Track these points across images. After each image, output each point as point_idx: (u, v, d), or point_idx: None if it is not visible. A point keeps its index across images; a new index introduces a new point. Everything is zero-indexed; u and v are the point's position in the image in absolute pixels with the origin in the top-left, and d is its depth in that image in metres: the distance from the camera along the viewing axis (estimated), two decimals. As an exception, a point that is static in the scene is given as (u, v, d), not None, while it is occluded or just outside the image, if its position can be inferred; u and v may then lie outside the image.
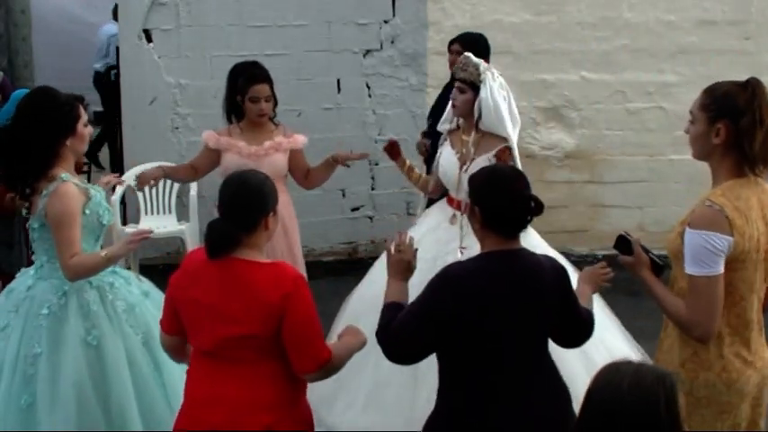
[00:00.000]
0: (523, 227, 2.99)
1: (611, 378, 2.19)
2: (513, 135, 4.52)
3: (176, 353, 3.31)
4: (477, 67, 4.49)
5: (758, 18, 7.35)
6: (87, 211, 3.70)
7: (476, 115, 4.47)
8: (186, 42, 7.10)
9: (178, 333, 3.21)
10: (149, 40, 7.12)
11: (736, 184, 2.95)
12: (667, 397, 2.13)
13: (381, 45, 7.24)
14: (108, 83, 7.49)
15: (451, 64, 5.83)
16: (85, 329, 3.70)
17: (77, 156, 3.83)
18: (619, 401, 2.13)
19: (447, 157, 4.58)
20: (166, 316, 3.23)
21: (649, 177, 7.46)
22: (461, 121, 4.60)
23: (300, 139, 5.07)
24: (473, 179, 3.08)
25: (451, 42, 6.00)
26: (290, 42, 7.06)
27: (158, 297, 4.00)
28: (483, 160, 4.40)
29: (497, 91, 4.46)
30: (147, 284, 4.05)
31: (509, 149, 4.46)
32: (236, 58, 6.61)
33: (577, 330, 3.12)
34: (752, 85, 2.95)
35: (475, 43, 5.91)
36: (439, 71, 7.28)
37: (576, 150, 7.43)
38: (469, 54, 4.59)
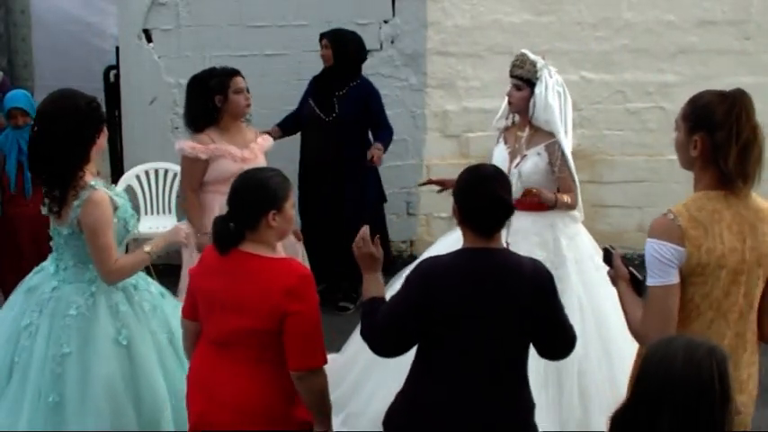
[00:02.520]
0: (497, 227, 3.02)
1: (664, 353, 2.24)
2: (564, 132, 4.56)
3: (195, 338, 3.35)
4: (534, 64, 4.54)
5: (758, 18, 7.34)
6: (115, 219, 3.69)
7: (530, 112, 4.51)
8: (186, 42, 7.10)
9: (196, 319, 3.27)
10: (149, 40, 7.12)
11: (706, 195, 2.88)
12: (719, 369, 2.18)
13: (381, 45, 7.24)
14: (108, 83, 7.47)
15: (324, 58, 6.16)
16: (116, 329, 3.70)
17: (100, 153, 3.81)
18: (673, 376, 2.18)
19: (499, 152, 4.65)
20: (187, 302, 3.30)
21: (649, 177, 7.46)
22: (516, 117, 4.65)
23: (270, 141, 5.19)
24: (459, 176, 3.15)
25: (321, 38, 6.21)
26: (289, 42, 7.06)
27: (171, 297, 4.07)
28: (533, 154, 4.48)
29: (552, 88, 4.51)
30: (160, 285, 4.08)
31: (558, 144, 4.51)
32: (236, 58, 6.62)
33: (559, 340, 3.10)
34: (732, 97, 2.86)
35: (343, 39, 6.20)
36: (439, 71, 7.29)
37: (576, 150, 7.37)
38: (526, 51, 4.63)
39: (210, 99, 4.84)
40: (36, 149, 3.68)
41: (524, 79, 4.53)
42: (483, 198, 2.98)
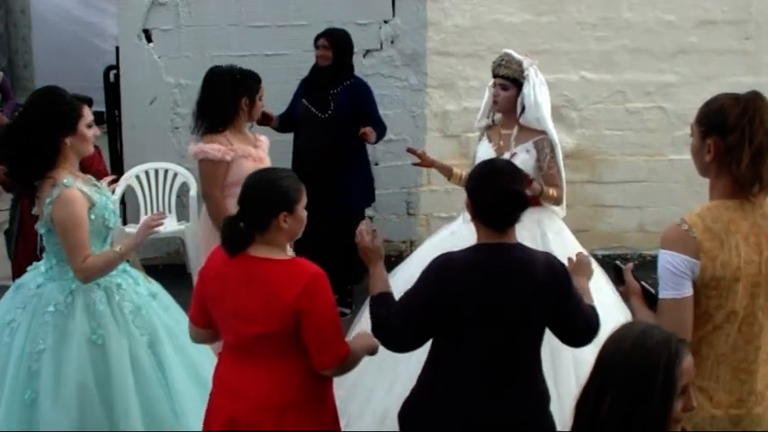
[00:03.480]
0: (510, 222, 3.02)
1: (620, 335, 2.22)
2: (553, 129, 4.60)
3: (208, 343, 3.37)
4: (520, 63, 4.56)
5: (758, 18, 7.34)
6: (93, 216, 3.72)
7: (518, 111, 4.53)
8: (186, 42, 7.10)
9: (207, 326, 3.24)
10: (149, 40, 7.12)
11: (723, 205, 2.80)
12: (668, 361, 2.14)
13: (381, 45, 7.24)
14: (108, 83, 7.48)
15: (321, 58, 6.12)
16: (91, 328, 3.72)
17: (80, 156, 3.83)
18: (619, 358, 2.16)
19: (484, 150, 4.65)
20: (195, 309, 3.26)
21: (649, 177, 7.47)
22: (498, 116, 4.67)
23: (267, 140, 5.15)
24: (472, 171, 3.15)
25: (318, 38, 6.18)
26: (289, 42, 7.06)
27: (166, 299, 4.06)
28: (521, 151, 4.50)
29: (539, 86, 4.52)
30: (155, 286, 4.07)
31: (547, 141, 4.56)
32: (235, 58, 6.60)
33: (581, 329, 3.11)
34: (744, 99, 2.79)
35: (341, 40, 6.18)
36: (439, 71, 7.29)
37: (576, 150, 7.43)
38: (510, 51, 4.63)
39: (238, 99, 4.82)
40: (8, 139, 3.74)
41: (511, 79, 4.55)
42: (495, 192, 2.97)
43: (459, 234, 4.47)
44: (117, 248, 3.72)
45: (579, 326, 3.10)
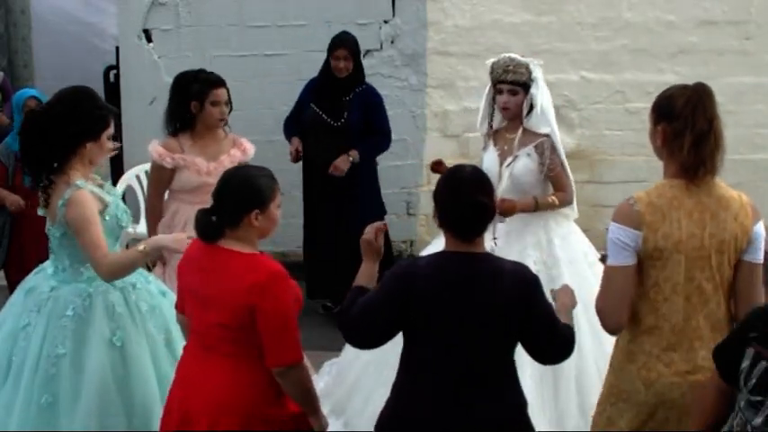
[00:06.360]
0: (475, 232, 2.95)
1: None
2: (557, 129, 4.58)
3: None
4: (527, 66, 4.51)
5: (758, 18, 7.34)
6: (107, 217, 3.72)
7: (524, 113, 4.50)
8: (186, 42, 7.10)
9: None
10: (149, 40, 7.13)
11: (669, 183, 3.03)
12: None
13: (381, 45, 7.24)
14: (108, 83, 7.48)
15: (340, 70, 5.95)
16: (111, 330, 3.70)
17: (93, 164, 3.80)
18: None
19: (489, 154, 4.60)
20: (179, 297, 3.31)
21: (649, 177, 7.42)
22: (499, 118, 4.62)
23: (251, 151, 4.96)
24: (439, 178, 3.09)
25: (337, 47, 5.98)
26: (290, 42, 7.06)
27: (173, 297, 4.02)
28: (523, 154, 4.46)
29: (545, 87, 4.54)
30: (162, 284, 4.07)
31: (548, 143, 4.50)
32: (235, 58, 6.64)
33: (553, 344, 3.00)
34: (691, 89, 3.04)
35: (356, 46, 6.06)
36: (439, 71, 7.29)
37: (576, 150, 7.43)
38: (513, 55, 4.59)
39: (187, 104, 4.76)
40: (27, 128, 3.71)
41: (520, 83, 4.48)
42: (461, 204, 2.92)
43: None
44: (140, 247, 3.66)
45: (550, 340, 2.98)
